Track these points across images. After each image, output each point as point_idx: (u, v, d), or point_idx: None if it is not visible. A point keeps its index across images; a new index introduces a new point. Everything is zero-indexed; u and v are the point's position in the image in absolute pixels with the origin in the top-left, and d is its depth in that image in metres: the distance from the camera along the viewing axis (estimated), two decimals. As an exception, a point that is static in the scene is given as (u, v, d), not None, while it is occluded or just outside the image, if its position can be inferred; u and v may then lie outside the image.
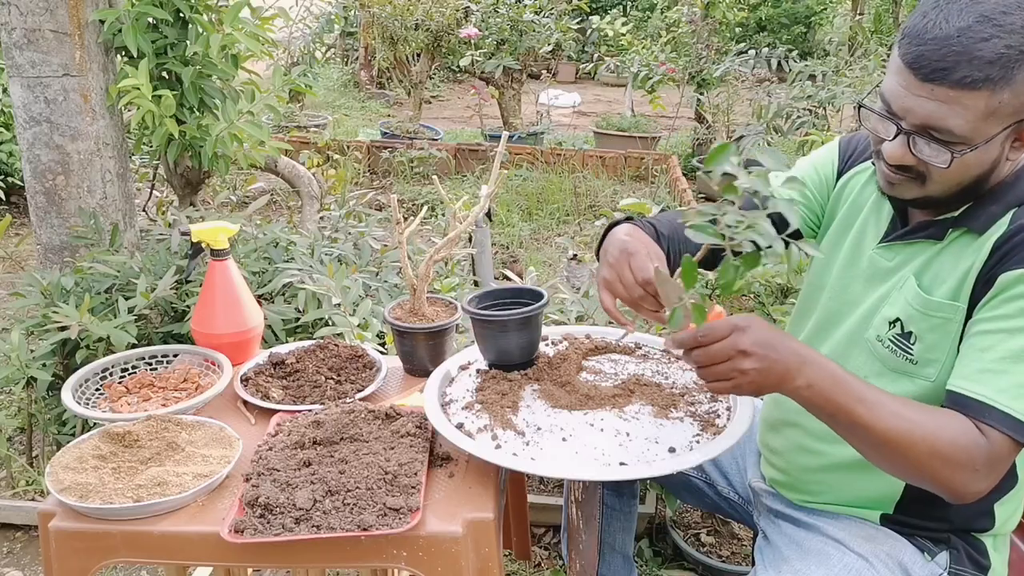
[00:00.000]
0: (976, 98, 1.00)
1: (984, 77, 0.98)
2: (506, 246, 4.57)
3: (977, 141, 1.03)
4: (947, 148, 1.04)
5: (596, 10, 8.77)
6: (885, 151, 1.10)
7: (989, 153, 1.06)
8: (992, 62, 0.98)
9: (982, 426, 1.03)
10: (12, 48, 2.37)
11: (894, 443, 1.03)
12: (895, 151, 1.08)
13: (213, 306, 1.62)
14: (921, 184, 1.10)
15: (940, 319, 1.12)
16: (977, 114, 1.01)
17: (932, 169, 1.07)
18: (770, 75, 5.76)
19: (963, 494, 1.05)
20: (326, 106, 7.89)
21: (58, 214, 2.52)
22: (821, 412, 1.06)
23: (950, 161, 1.04)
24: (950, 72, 0.99)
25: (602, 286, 1.23)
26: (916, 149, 1.07)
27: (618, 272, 1.20)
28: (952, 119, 1.01)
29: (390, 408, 1.37)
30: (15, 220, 4.70)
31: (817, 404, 1.05)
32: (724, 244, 0.97)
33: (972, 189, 1.11)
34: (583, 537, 1.40)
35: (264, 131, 2.68)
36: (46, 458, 2.35)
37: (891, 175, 1.12)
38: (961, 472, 1.03)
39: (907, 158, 1.08)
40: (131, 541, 1.16)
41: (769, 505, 1.40)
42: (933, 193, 1.11)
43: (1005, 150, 1.07)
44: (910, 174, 1.10)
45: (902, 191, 1.13)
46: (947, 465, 1.02)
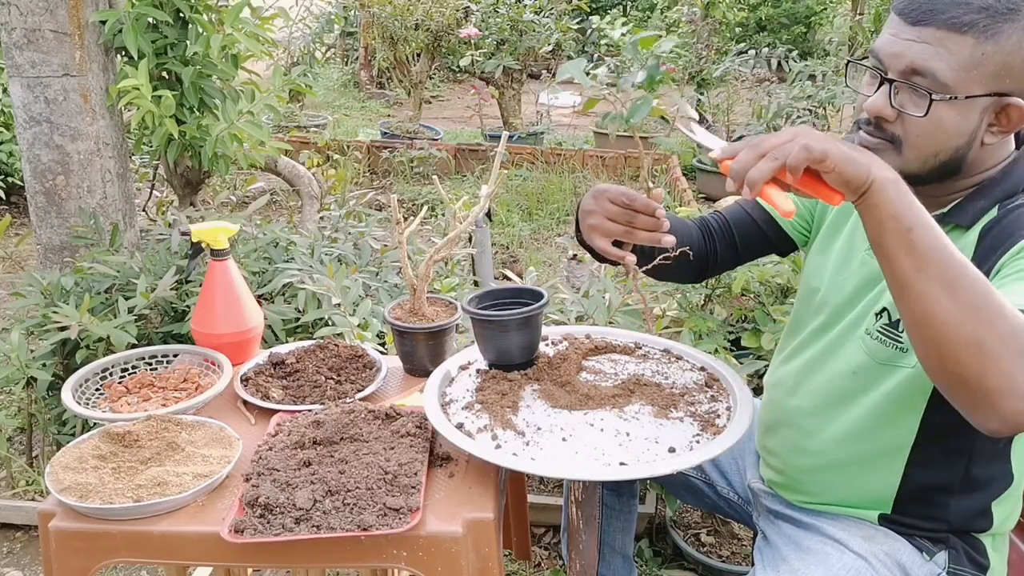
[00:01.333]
0: (961, 43, 1.02)
1: (971, 21, 1.01)
2: (506, 246, 4.57)
3: (958, 91, 1.04)
4: (927, 96, 1.04)
5: (596, 10, 8.77)
6: (866, 105, 1.11)
7: (967, 119, 1.06)
8: (980, 10, 1.01)
9: None
10: (12, 48, 2.37)
11: (968, 282, 0.90)
12: (875, 101, 1.09)
13: (213, 306, 1.62)
14: (897, 152, 1.10)
15: None
16: (961, 60, 1.02)
17: (909, 128, 1.08)
18: (770, 75, 5.77)
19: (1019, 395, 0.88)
20: (326, 106, 7.89)
21: (58, 214, 2.53)
22: (899, 222, 0.92)
23: (927, 108, 1.04)
24: (938, 13, 1.02)
25: (590, 233, 1.23)
26: (896, 100, 1.07)
27: (600, 211, 1.21)
28: (936, 61, 1.03)
29: (390, 408, 1.37)
30: (15, 220, 4.70)
31: (900, 207, 0.92)
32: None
33: (950, 167, 1.11)
34: (583, 537, 1.40)
35: (264, 131, 2.68)
36: (46, 458, 2.35)
37: (868, 139, 1.12)
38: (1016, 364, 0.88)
39: (886, 110, 1.08)
40: (131, 541, 1.16)
41: (768, 505, 1.40)
42: (910, 164, 1.10)
43: (983, 126, 1.08)
44: (886, 136, 1.10)
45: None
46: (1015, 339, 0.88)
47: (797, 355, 1.33)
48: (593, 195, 1.24)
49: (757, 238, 1.44)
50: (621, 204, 1.20)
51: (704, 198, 5.61)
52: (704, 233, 1.45)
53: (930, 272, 0.91)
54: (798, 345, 1.34)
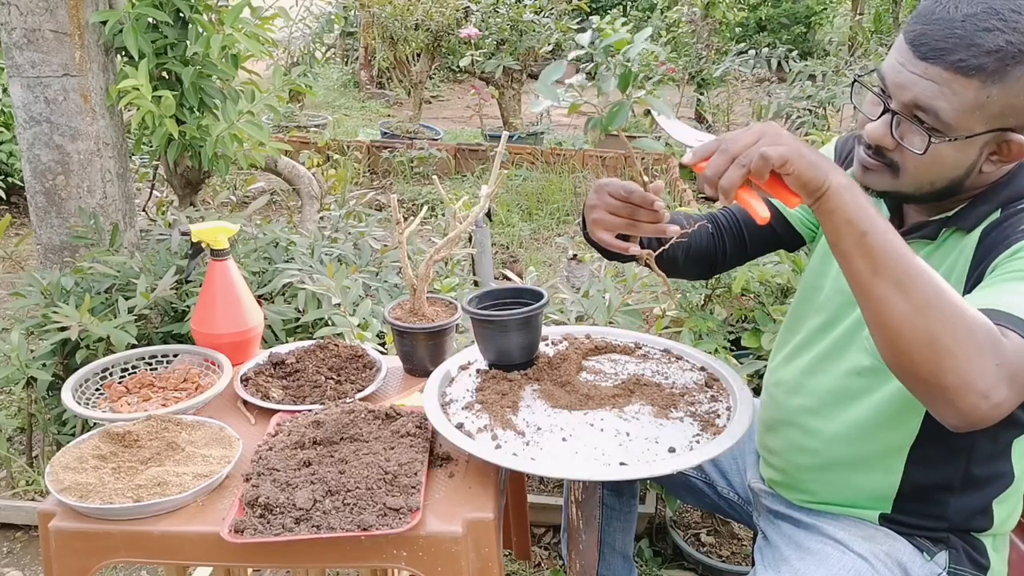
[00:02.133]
0: (967, 86, 1.01)
1: (979, 65, 1.00)
2: (506, 246, 4.57)
3: (958, 132, 1.03)
4: (926, 133, 1.04)
5: (596, 10, 8.77)
6: (867, 130, 1.11)
7: (966, 155, 1.06)
8: (990, 52, 0.99)
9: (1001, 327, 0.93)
10: (12, 48, 2.37)
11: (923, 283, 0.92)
12: (876, 130, 1.09)
13: (213, 306, 1.62)
14: (894, 175, 1.10)
15: None
16: (965, 103, 1.01)
17: (907, 158, 1.08)
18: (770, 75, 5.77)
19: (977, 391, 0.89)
20: (326, 106, 7.89)
21: (58, 214, 2.53)
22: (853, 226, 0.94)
23: (926, 147, 1.04)
24: (948, 53, 1.01)
25: (594, 228, 1.25)
26: (897, 132, 1.07)
27: (602, 206, 1.23)
28: (940, 100, 1.02)
29: (390, 408, 1.37)
30: (15, 220, 4.70)
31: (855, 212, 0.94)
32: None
33: (945, 193, 1.11)
34: (583, 537, 1.40)
35: (264, 131, 2.68)
36: (46, 458, 2.35)
37: (867, 159, 1.12)
38: (983, 357, 0.89)
39: (886, 139, 1.08)
40: (131, 541, 1.16)
41: (769, 505, 1.40)
42: (905, 188, 1.11)
43: (982, 159, 1.08)
44: (884, 161, 1.10)
45: (874, 180, 1.13)
46: (971, 338, 0.89)
47: (799, 355, 1.33)
48: (595, 190, 1.26)
49: (765, 233, 1.43)
50: (620, 198, 1.22)
51: (704, 198, 5.61)
52: (713, 231, 1.45)
53: (884, 274, 0.94)
54: (799, 345, 1.34)
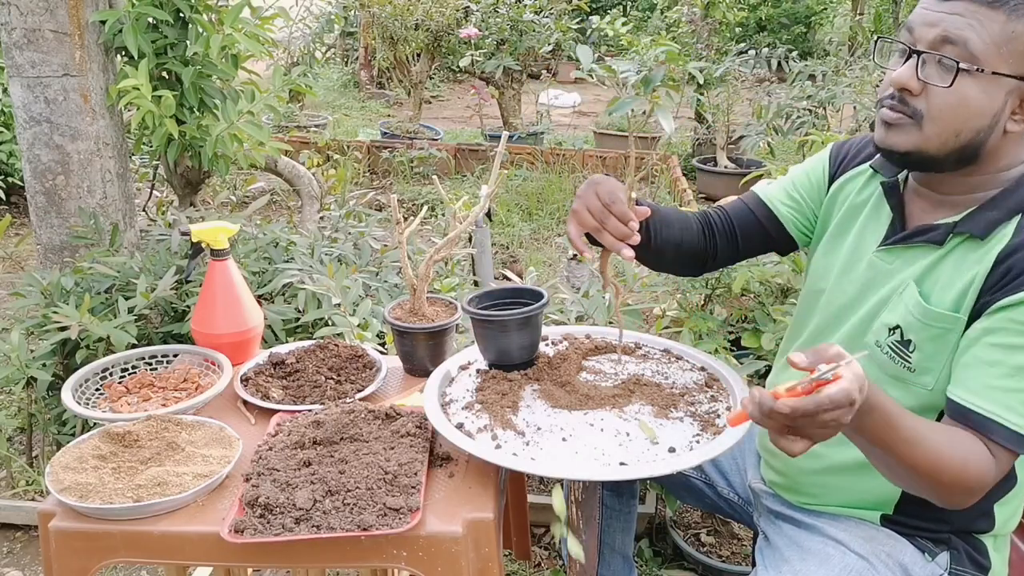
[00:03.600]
0: (993, 18, 1.04)
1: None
2: (506, 246, 4.57)
3: (986, 64, 1.05)
4: (954, 66, 1.06)
5: (596, 10, 8.77)
6: (892, 77, 1.11)
7: (991, 99, 1.07)
8: None
9: (992, 445, 1.05)
10: (12, 48, 2.37)
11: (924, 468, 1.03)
12: (902, 73, 1.10)
13: (213, 306, 1.62)
14: (918, 127, 1.10)
15: (940, 329, 1.12)
16: (992, 34, 1.04)
17: (932, 102, 1.08)
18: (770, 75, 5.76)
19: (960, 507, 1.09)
20: (326, 106, 7.89)
21: (58, 214, 2.53)
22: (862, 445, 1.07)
23: (953, 78, 1.06)
24: None
25: (570, 218, 1.26)
26: (923, 72, 1.09)
27: (585, 201, 1.24)
28: (968, 31, 1.05)
29: (390, 408, 1.37)
30: (15, 220, 4.70)
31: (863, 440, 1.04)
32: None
33: (968, 152, 1.11)
34: (583, 537, 1.40)
35: (264, 131, 2.68)
36: (46, 458, 2.35)
37: (889, 113, 1.13)
38: (971, 496, 1.06)
39: (912, 82, 1.09)
40: (131, 541, 1.16)
41: (769, 506, 1.40)
42: (930, 141, 1.10)
43: (1006, 110, 1.08)
44: (908, 111, 1.11)
45: (898, 137, 1.13)
46: (966, 493, 1.06)
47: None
48: (588, 182, 1.27)
49: (758, 235, 1.43)
50: (603, 201, 1.22)
51: (704, 198, 5.61)
52: (704, 227, 1.44)
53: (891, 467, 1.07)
54: (802, 347, 1.33)
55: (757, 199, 1.42)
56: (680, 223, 1.40)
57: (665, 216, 1.38)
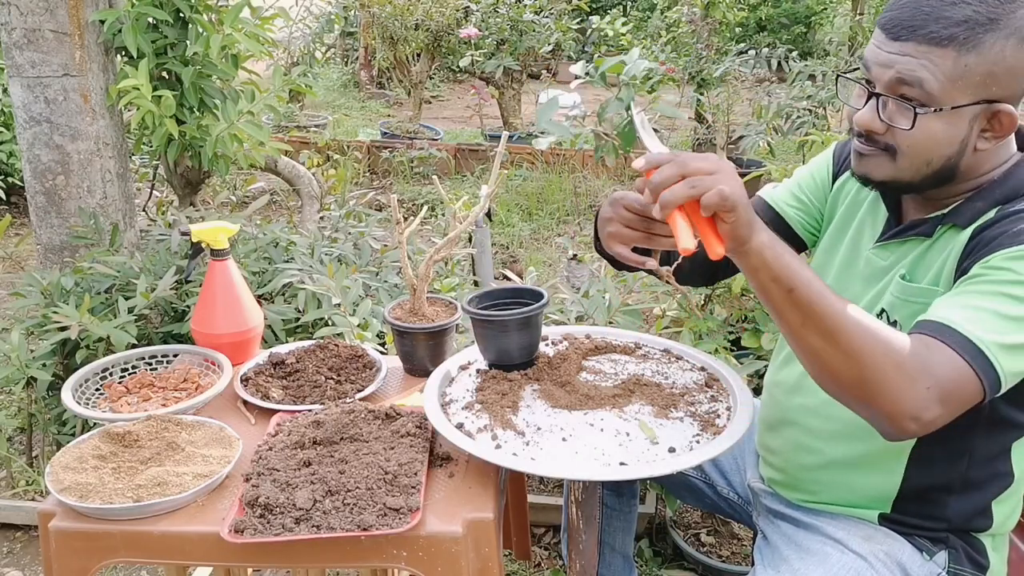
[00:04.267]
0: (943, 56, 1.03)
1: (950, 36, 1.02)
2: (506, 246, 4.57)
3: (943, 103, 1.05)
4: (911, 107, 1.06)
5: (596, 10, 8.77)
6: (856, 119, 1.13)
7: (956, 128, 1.07)
8: (959, 23, 1.02)
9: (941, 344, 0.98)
10: (12, 48, 2.37)
11: (850, 330, 0.98)
12: (864, 116, 1.11)
13: (213, 306, 1.62)
14: (891, 159, 1.11)
15: (921, 304, 1.13)
16: (945, 72, 1.04)
17: (899, 138, 1.09)
18: (770, 75, 5.76)
19: (907, 415, 0.97)
20: (326, 106, 7.89)
21: (58, 214, 2.53)
22: (779, 282, 0.99)
23: (912, 121, 1.06)
24: (918, 29, 1.04)
25: (609, 242, 1.23)
26: (885, 114, 1.09)
27: (618, 219, 1.21)
28: (922, 71, 1.04)
29: (390, 408, 1.37)
30: (15, 220, 4.70)
31: (780, 269, 0.98)
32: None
33: (943, 175, 1.11)
34: (583, 537, 1.40)
35: (264, 131, 2.68)
36: (46, 458, 2.35)
37: (861, 147, 1.14)
38: (912, 385, 0.96)
39: (875, 123, 1.10)
40: (131, 541, 1.16)
41: (768, 505, 1.40)
42: (903, 172, 1.11)
43: (974, 134, 1.09)
44: (878, 146, 1.12)
45: (872, 167, 1.14)
46: (899, 369, 0.96)
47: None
48: (610, 203, 1.24)
49: None
50: (636, 211, 1.20)
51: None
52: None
53: (813, 326, 1.00)
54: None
55: (763, 203, 1.43)
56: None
57: None
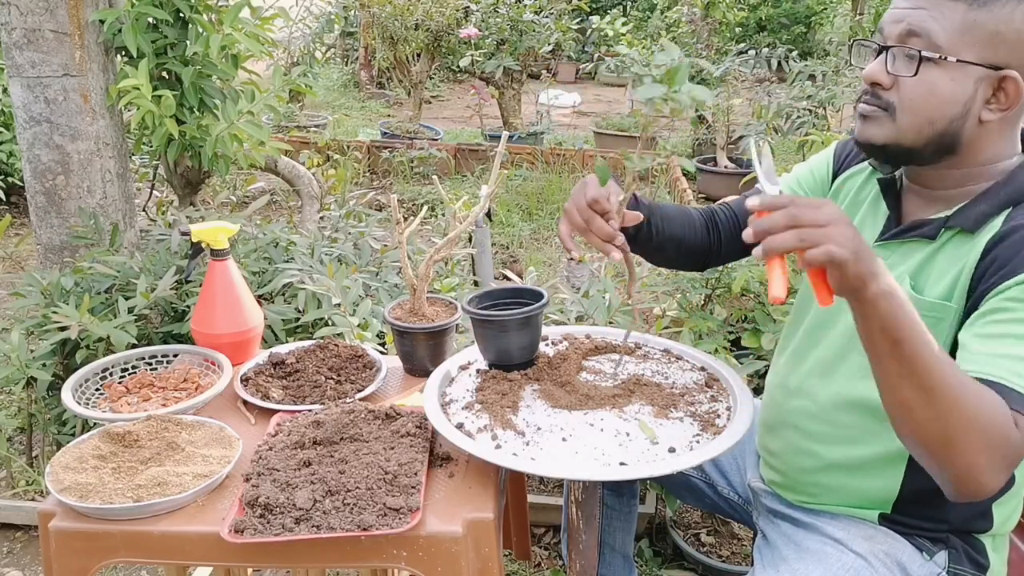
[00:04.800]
0: (954, 9, 1.07)
1: None
2: (506, 246, 4.57)
3: (949, 52, 1.07)
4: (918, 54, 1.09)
5: (596, 10, 8.77)
6: (864, 72, 1.15)
7: (961, 86, 1.08)
8: None
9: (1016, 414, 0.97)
10: (12, 48, 2.37)
11: (946, 391, 0.95)
12: (872, 68, 1.14)
13: (213, 306, 1.62)
14: (892, 119, 1.13)
15: (932, 318, 1.12)
16: (954, 23, 1.07)
17: (902, 93, 1.11)
18: (770, 75, 5.76)
19: (978, 481, 0.97)
20: (326, 106, 7.89)
21: (58, 214, 2.53)
22: (887, 332, 0.96)
23: (916, 67, 1.09)
24: None
25: (562, 218, 1.28)
26: (893, 67, 1.12)
27: (574, 202, 1.25)
28: (930, 22, 1.08)
29: (390, 408, 1.37)
30: (15, 220, 4.70)
31: (891, 319, 0.95)
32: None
33: (946, 141, 1.12)
34: (583, 537, 1.40)
35: (264, 131, 2.68)
36: (46, 458, 2.35)
37: (864, 107, 1.16)
38: (991, 452, 0.95)
39: (882, 75, 1.13)
40: (131, 541, 1.16)
41: (768, 505, 1.40)
42: (905, 132, 1.13)
43: (978, 99, 1.09)
44: (881, 104, 1.14)
45: (874, 130, 1.15)
46: (984, 437, 0.95)
47: (799, 356, 1.33)
48: (580, 183, 1.28)
49: None
50: (589, 204, 1.23)
51: (704, 198, 5.61)
52: (708, 224, 1.47)
53: (912, 380, 0.97)
54: (799, 347, 1.34)
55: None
56: (682, 219, 1.43)
57: (667, 213, 1.41)
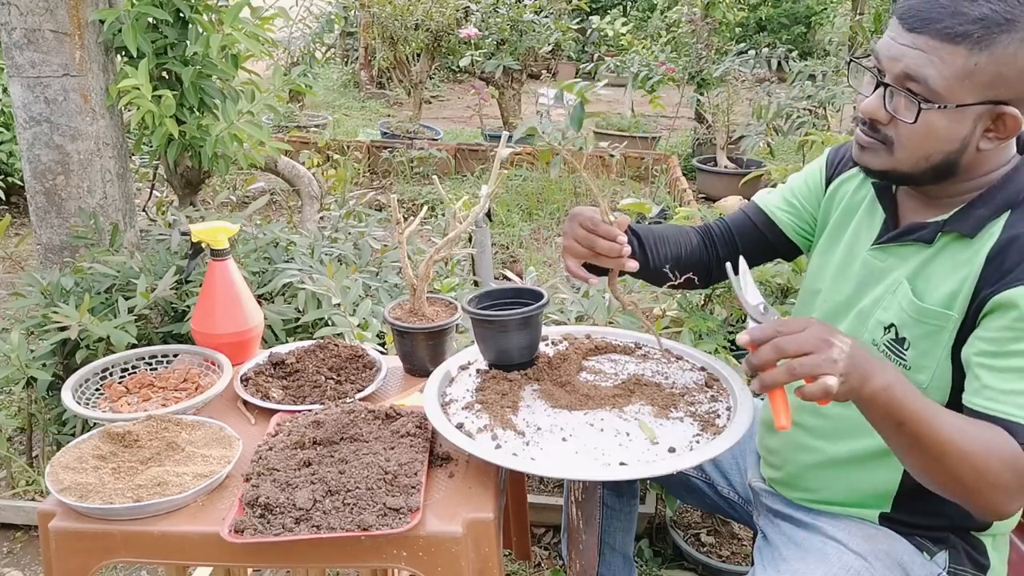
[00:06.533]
0: (955, 54, 1.03)
1: (964, 32, 1.02)
2: (506, 246, 4.57)
3: (948, 101, 1.05)
4: (916, 102, 1.06)
5: (596, 10, 8.77)
6: (862, 106, 1.14)
7: (959, 126, 1.07)
8: (975, 20, 1.01)
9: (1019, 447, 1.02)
10: (12, 48, 2.37)
11: (952, 455, 1.00)
12: (870, 103, 1.12)
13: (213, 306, 1.62)
14: (889, 152, 1.12)
15: (933, 326, 1.13)
16: (954, 70, 1.04)
17: (900, 131, 1.10)
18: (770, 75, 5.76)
19: (996, 513, 1.05)
20: (326, 106, 7.89)
21: (58, 214, 2.52)
22: (889, 419, 1.02)
23: (915, 115, 1.06)
24: (934, 22, 1.03)
25: (563, 255, 1.31)
26: (891, 105, 1.10)
27: (571, 234, 1.29)
28: (928, 68, 1.04)
29: (390, 408, 1.37)
30: (15, 220, 4.70)
31: (890, 408, 1.00)
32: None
33: (943, 170, 1.12)
34: (583, 537, 1.40)
35: (264, 131, 2.68)
36: (46, 458, 2.35)
37: (862, 137, 1.15)
38: (1005, 492, 1.01)
39: (879, 112, 1.11)
40: (131, 541, 1.16)
41: (768, 505, 1.40)
42: (901, 164, 1.12)
43: (976, 133, 1.08)
44: (879, 137, 1.13)
45: (871, 158, 1.15)
46: (995, 483, 1.01)
47: (798, 356, 1.34)
48: (569, 217, 1.31)
49: (760, 243, 1.45)
50: (586, 228, 1.27)
51: (704, 198, 5.61)
52: (705, 239, 1.47)
53: (919, 450, 1.03)
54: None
55: (756, 207, 1.45)
56: (677, 238, 1.44)
57: (660, 234, 1.42)
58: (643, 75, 5.86)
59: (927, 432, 1.00)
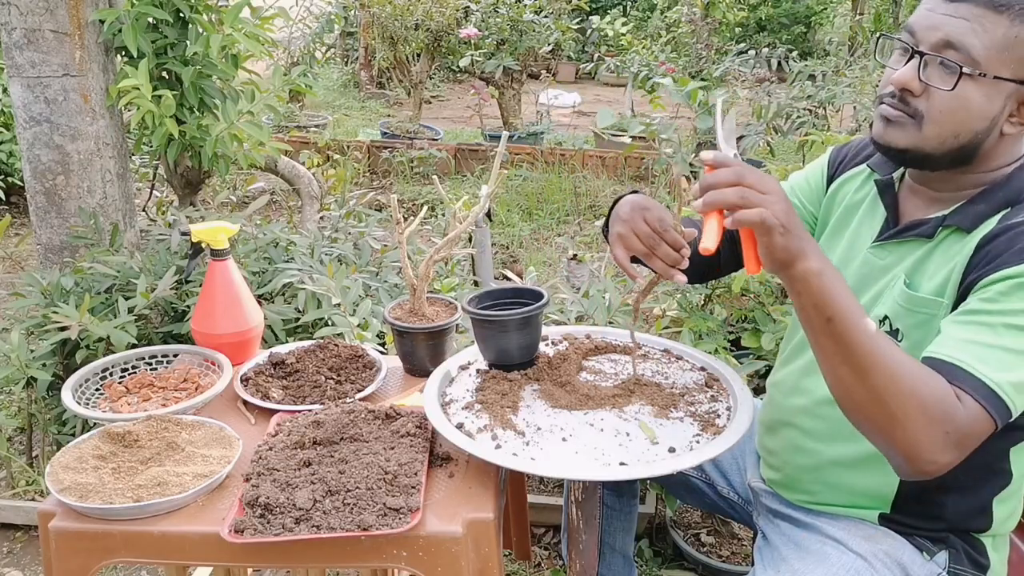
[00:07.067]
0: (997, 22, 1.03)
1: (1008, 3, 1.03)
2: (506, 246, 4.57)
3: (987, 70, 1.05)
4: (956, 70, 1.05)
5: (596, 10, 8.77)
6: (894, 77, 1.11)
7: (991, 103, 1.07)
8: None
9: (959, 391, 0.99)
10: (12, 48, 2.37)
11: (881, 370, 0.97)
12: (904, 73, 1.10)
13: (213, 306, 1.62)
14: (917, 127, 1.11)
15: (924, 315, 1.13)
16: (995, 39, 1.04)
17: (932, 103, 1.08)
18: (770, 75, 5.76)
19: (924, 459, 0.98)
20: (326, 106, 7.90)
21: (58, 214, 2.52)
22: (819, 310, 0.99)
23: (955, 82, 1.05)
24: None
25: (615, 241, 1.25)
26: (925, 74, 1.08)
27: (632, 225, 1.23)
28: (971, 36, 1.04)
29: (390, 408, 1.37)
30: (15, 220, 4.70)
31: (822, 298, 0.98)
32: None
33: (965, 153, 1.11)
34: (583, 537, 1.40)
35: (264, 131, 2.67)
36: (46, 458, 2.35)
37: (890, 110, 1.13)
38: (933, 429, 0.97)
39: (914, 83, 1.09)
40: (131, 541, 1.16)
41: (768, 505, 1.40)
42: (928, 141, 1.11)
43: (1004, 114, 1.09)
44: (908, 111, 1.11)
45: (896, 135, 1.13)
46: (923, 414, 0.96)
47: (797, 355, 1.34)
48: (631, 205, 1.24)
49: None
50: (652, 227, 1.21)
51: (704, 198, 5.60)
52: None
53: (846, 358, 1.00)
54: (797, 346, 1.34)
55: None
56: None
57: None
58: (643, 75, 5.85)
59: (857, 338, 0.98)
